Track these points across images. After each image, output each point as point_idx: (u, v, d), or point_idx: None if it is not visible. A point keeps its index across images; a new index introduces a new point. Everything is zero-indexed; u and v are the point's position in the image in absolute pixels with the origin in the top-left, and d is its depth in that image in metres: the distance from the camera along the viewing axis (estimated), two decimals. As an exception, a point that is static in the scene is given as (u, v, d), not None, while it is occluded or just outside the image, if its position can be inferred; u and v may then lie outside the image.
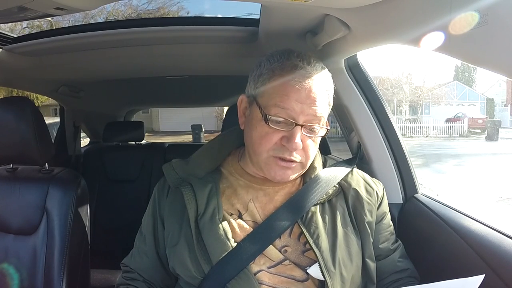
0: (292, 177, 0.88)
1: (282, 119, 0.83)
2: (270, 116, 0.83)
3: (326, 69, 0.89)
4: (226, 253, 0.83)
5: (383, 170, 1.27)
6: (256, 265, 0.84)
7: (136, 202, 2.25)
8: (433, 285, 0.70)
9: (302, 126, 0.83)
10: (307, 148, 0.86)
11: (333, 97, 0.91)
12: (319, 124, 0.85)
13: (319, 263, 0.82)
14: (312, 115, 0.83)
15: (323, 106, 0.85)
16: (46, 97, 3.02)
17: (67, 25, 1.85)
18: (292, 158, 0.85)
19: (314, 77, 0.84)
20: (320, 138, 0.89)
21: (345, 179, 0.96)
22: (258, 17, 1.23)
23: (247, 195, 0.91)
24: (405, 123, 20.68)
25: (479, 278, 0.68)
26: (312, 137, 0.86)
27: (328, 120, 0.90)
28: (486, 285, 0.69)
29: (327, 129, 0.87)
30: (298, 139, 0.82)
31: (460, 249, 0.93)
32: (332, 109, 1.48)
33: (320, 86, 0.85)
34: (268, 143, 0.84)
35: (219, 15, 1.51)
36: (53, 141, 2.25)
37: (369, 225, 0.92)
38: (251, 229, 0.86)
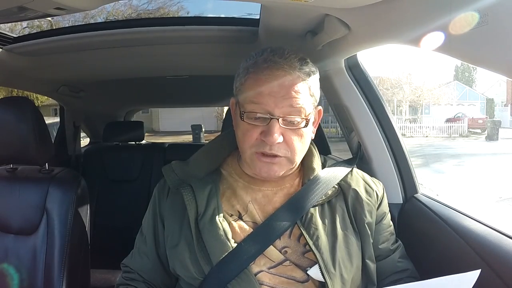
0: (280, 172, 0.87)
1: (258, 114, 0.83)
2: (245, 113, 0.83)
3: (307, 61, 0.87)
4: (227, 253, 0.82)
5: (383, 170, 1.27)
6: (257, 266, 0.84)
7: (136, 202, 2.25)
8: (430, 281, 0.70)
9: (279, 119, 0.82)
10: (290, 141, 0.84)
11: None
12: (299, 116, 0.84)
13: (319, 265, 0.82)
14: (288, 107, 0.82)
15: (301, 96, 0.83)
16: (46, 97, 3.02)
17: (67, 25, 1.85)
18: (274, 152, 0.83)
19: (286, 68, 0.82)
20: (309, 132, 0.88)
21: (344, 179, 0.96)
22: (258, 17, 1.23)
23: (246, 197, 0.91)
24: (405, 123, 20.68)
25: (475, 273, 0.69)
26: (293, 129, 0.84)
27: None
28: (486, 285, 0.70)
29: (307, 119, 0.85)
30: (275, 133, 0.81)
31: (460, 249, 0.93)
32: (332, 109, 1.49)
33: (295, 76, 0.83)
34: (250, 140, 0.84)
35: (219, 15, 1.51)
36: (53, 141, 2.25)
37: (369, 226, 0.92)
38: (252, 230, 0.86)
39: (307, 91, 0.85)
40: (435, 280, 0.69)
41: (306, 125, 0.85)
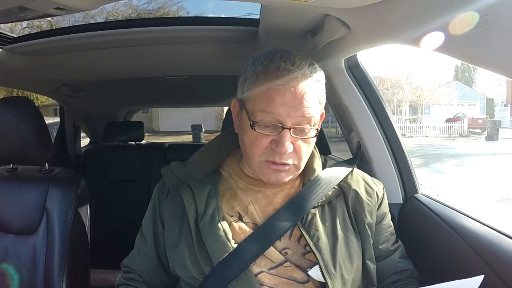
0: (287, 179, 0.87)
1: (269, 124, 0.82)
2: (256, 123, 0.82)
3: (315, 66, 0.86)
4: (227, 254, 0.82)
5: (383, 170, 1.27)
6: (257, 267, 0.84)
7: (136, 202, 2.24)
8: (433, 287, 0.70)
9: (290, 128, 0.81)
10: (299, 149, 0.84)
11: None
12: (309, 125, 0.83)
13: (320, 265, 0.82)
14: (300, 117, 0.81)
15: (312, 106, 0.83)
16: (46, 97, 3.02)
17: (67, 25, 1.85)
18: (283, 161, 0.83)
19: (299, 78, 0.81)
20: (315, 138, 0.88)
21: (345, 180, 0.95)
22: (258, 17, 1.23)
23: (246, 198, 0.91)
24: (405, 123, 20.68)
25: (479, 279, 0.69)
26: (303, 138, 0.84)
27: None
28: (486, 285, 0.69)
29: (317, 129, 0.85)
30: (287, 143, 0.81)
31: (460, 249, 0.93)
32: (332, 109, 1.49)
33: (307, 85, 0.82)
34: (259, 148, 0.83)
35: (219, 15, 1.51)
36: (53, 141, 2.25)
37: (369, 227, 0.92)
38: (252, 231, 0.86)
39: (317, 100, 0.85)
40: (438, 286, 0.69)
41: (316, 135, 0.86)
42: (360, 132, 1.29)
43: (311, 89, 0.83)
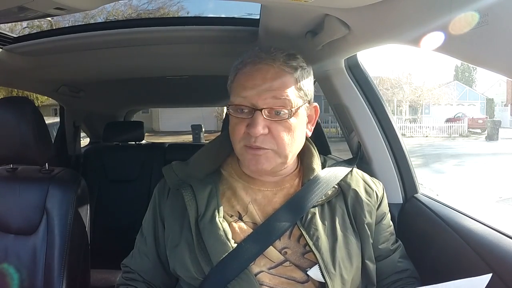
0: (269, 166, 0.86)
1: (243, 107, 0.85)
2: (229, 106, 0.86)
3: (297, 56, 0.89)
4: (227, 254, 0.83)
5: (383, 170, 1.27)
6: (257, 266, 0.84)
7: (136, 202, 2.25)
8: (440, 285, 0.69)
9: (262, 110, 0.83)
10: (276, 133, 0.84)
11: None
12: (285, 108, 0.84)
13: (319, 265, 0.82)
14: (272, 98, 0.83)
15: (286, 88, 0.84)
16: (46, 97, 3.02)
17: (67, 25, 1.85)
18: (258, 144, 0.83)
19: (269, 62, 0.85)
20: (299, 126, 0.87)
21: (344, 179, 0.95)
22: (258, 17, 1.23)
23: (246, 197, 0.91)
24: (405, 123, 20.68)
25: (487, 278, 0.68)
26: (278, 121, 0.84)
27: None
28: (486, 285, 0.69)
29: (291, 110, 0.84)
30: (259, 124, 0.82)
31: (460, 249, 0.93)
32: (332, 109, 1.49)
33: (281, 70, 0.85)
34: (238, 133, 0.86)
35: (219, 15, 1.51)
36: (53, 141, 2.25)
37: (369, 227, 0.92)
38: (251, 231, 0.86)
39: (293, 84, 0.86)
40: (444, 284, 0.69)
41: (290, 116, 0.84)
42: (360, 132, 1.29)
43: (286, 74, 0.85)
